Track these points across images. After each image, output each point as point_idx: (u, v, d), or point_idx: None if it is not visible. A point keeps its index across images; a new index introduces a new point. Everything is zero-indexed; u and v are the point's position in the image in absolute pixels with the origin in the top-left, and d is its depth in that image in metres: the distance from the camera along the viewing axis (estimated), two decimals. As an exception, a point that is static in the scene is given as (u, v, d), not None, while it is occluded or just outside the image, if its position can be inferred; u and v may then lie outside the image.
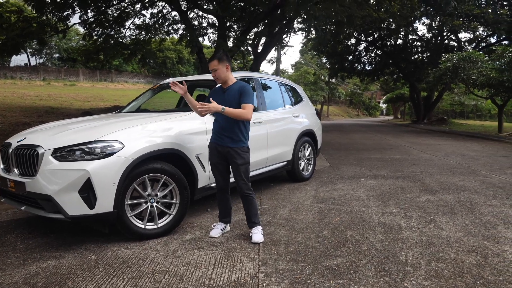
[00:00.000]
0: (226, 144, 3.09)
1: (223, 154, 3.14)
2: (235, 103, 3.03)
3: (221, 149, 3.14)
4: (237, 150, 3.09)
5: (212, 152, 3.21)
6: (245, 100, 3.02)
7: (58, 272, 2.58)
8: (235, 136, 3.07)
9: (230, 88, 3.12)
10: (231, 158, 3.11)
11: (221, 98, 3.10)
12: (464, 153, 8.44)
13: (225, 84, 3.15)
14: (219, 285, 2.36)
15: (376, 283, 2.35)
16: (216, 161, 3.19)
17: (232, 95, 3.07)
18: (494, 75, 11.18)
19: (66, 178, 2.75)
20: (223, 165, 3.20)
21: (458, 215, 3.74)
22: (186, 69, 57.44)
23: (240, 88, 3.07)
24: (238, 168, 3.11)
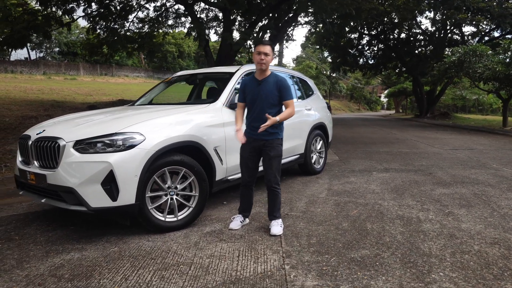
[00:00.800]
0: (261, 137, 3.06)
1: (257, 148, 3.11)
2: (271, 96, 3.00)
3: (255, 143, 3.10)
4: (272, 143, 3.07)
5: (244, 146, 3.17)
6: (287, 96, 3.02)
7: (83, 264, 2.57)
8: (271, 129, 3.03)
9: (266, 80, 3.05)
10: (265, 150, 3.08)
11: (256, 90, 3.06)
12: (472, 147, 8.43)
13: (262, 74, 3.08)
14: (246, 277, 2.35)
15: (403, 275, 2.35)
16: (248, 155, 3.15)
17: (269, 87, 3.02)
18: (501, 69, 11.14)
19: (89, 170, 2.74)
20: (253, 160, 3.17)
21: (475, 208, 3.73)
22: (187, 63, 57.25)
23: (278, 82, 3.02)
24: (271, 160, 3.08)
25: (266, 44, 3.02)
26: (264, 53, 2.98)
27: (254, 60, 3.05)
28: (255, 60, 3.03)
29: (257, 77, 3.09)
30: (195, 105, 3.70)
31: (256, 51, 3.03)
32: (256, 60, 3.02)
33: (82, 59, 45.29)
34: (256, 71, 3.15)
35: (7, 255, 2.74)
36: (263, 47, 3.00)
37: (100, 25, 12.60)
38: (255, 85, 3.08)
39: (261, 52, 2.99)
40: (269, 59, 3.01)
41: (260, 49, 3.00)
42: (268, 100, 2.97)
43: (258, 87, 3.05)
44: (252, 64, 4.64)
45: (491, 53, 12.63)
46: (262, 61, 2.99)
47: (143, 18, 14.27)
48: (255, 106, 3.03)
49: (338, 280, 2.29)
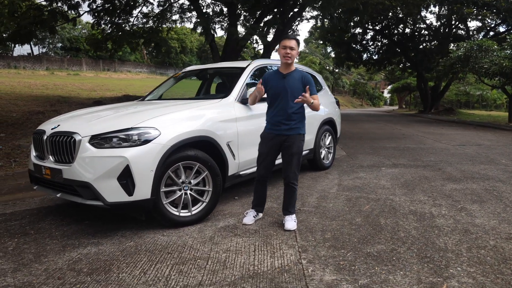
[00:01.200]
0: (283, 132, 3.06)
1: (277, 144, 3.10)
2: (297, 90, 3.00)
3: (276, 139, 3.09)
4: (294, 138, 3.06)
5: (265, 141, 3.17)
6: (313, 91, 3.02)
7: (100, 258, 2.59)
8: (293, 123, 3.03)
9: (291, 75, 3.05)
10: (286, 146, 3.07)
11: (281, 83, 3.05)
12: (479, 143, 8.40)
13: (287, 68, 3.08)
14: (264, 271, 2.36)
15: (421, 270, 2.35)
16: (267, 151, 3.15)
17: (294, 82, 3.02)
18: (507, 64, 11.06)
19: (105, 165, 2.75)
20: (272, 156, 3.16)
21: (487, 203, 3.73)
22: (189, 58, 57.14)
23: (303, 78, 3.03)
24: (291, 156, 3.07)
25: (291, 38, 3.01)
26: (290, 47, 2.98)
27: (279, 55, 3.05)
28: (281, 54, 3.03)
29: (282, 71, 3.09)
30: (207, 100, 3.69)
31: (282, 46, 3.02)
32: (282, 54, 3.02)
33: (84, 55, 45.33)
34: (281, 65, 3.14)
35: (24, 249, 2.76)
36: (288, 41, 2.99)
37: (104, 20, 12.57)
38: (279, 79, 3.06)
39: (287, 46, 2.99)
40: (295, 53, 3.01)
41: (286, 43, 2.99)
42: (293, 95, 2.96)
43: (283, 80, 3.04)
44: (263, 59, 4.63)
45: (497, 48, 12.54)
46: (288, 55, 2.98)
47: (147, 13, 14.24)
48: (278, 100, 3.02)
49: (356, 275, 2.29)
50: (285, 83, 3.03)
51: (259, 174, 3.24)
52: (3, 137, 6.92)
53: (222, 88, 4.81)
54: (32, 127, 7.64)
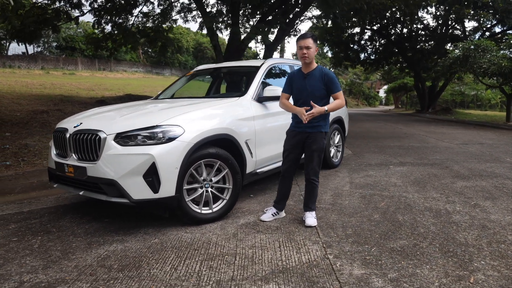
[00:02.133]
0: (306, 130, 3.10)
1: (300, 141, 3.15)
2: (317, 89, 3.03)
3: (298, 136, 3.14)
4: (316, 136, 3.09)
5: (289, 138, 3.22)
6: (335, 89, 3.03)
7: (128, 255, 2.61)
8: (315, 121, 3.06)
9: (312, 74, 3.07)
10: (308, 143, 3.11)
11: (302, 83, 3.08)
12: (481, 141, 8.52)
13: (308, 67, 3.10)
14: (293, 266, 2.40)
15: (446, 264, 2.41)
16: (291, 148, 3.19)
17: (315, 80, 3.03)
18: (506, 63, 11.21)
19: (131, 163, 2.77)
20: (296, 153, 3.21)
21: (499, 200, 3.80)
22: (185, 58, 57.03)
23: (325, 76, 3.03)
24: (312, 153, 3.11)
25: (307, 37, 3.01)
26: (306, 47, 2.99)
27: (298, 55, 3.08)
28: (299, 55, 3.06)
29: (303, 70, 3.12)
30: (225, 99, 3.72)
31: (298, 46, 3.04)
32: (299, 55, 3.04)
33: (80, 54, 45.03)
34: (302, 65, 3.17)
35: (50, 247, 2.78)
36: (303, 41, 3.00)
37: (105, 19, 12.52)
38: (301, 78, 3.10)
39: (303, 47, 3.00)
40: (312, 51, 3.01)
41: (301, 43, 3.01)
42: (314, 94, 2.99)
43: (304, 80, 3.08)
44: (276, 58, 4.68)
45: (496, 48, 12.69)
46: (305, 55, 3.00)
47: (147, 13, 14.21)
48: (301, 99, 3.06)
49: (384, 269, 2.34)
50: (306, 83, 3.07)
51: (283, 169, 3.29)
52: (9, 136, 6.89)
53: (235, 87, 4.85)
54: (37, 126, 7.61)
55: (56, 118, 8.26)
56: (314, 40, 3.04)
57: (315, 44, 3.04)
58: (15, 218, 3.46)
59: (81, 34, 45.73)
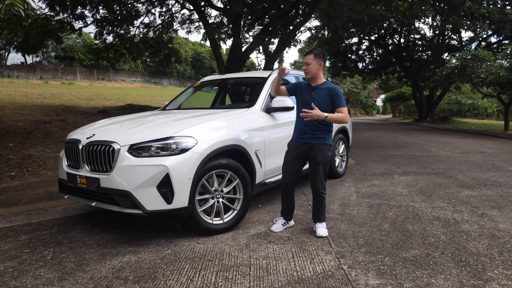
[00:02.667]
0: (309, 141, 3.13)
1: (303, 152, 3.18)
2: (324, 103, 3.07)
3: (302, 147, 3.17)
4: (320, 147, 3.13)
5: (291, 149, 3.25)
6: (340, 104, 3.07)
7: (143, 266, 2.62)
8: (319, 133, 3.11)
9: (319, 87, 3.14)
10: (312, 155, 3.14)
11: (310, 95, 3.14)
12: (482, 151, 8.59)
13: (314, 81, 3.17)
14: (308, 277, 2.42)
15: (460, 273, 2.43)
16: (292, 159, 3.22)
17: (322, 94, 3.09)
18: (504, 73, 11.37)
19: (144, 174, 2.79)
20: (298, 164, 3.24)
21: (506, 209, 3.83)
22: (183, 68, 57.31)
23: (331, 91, 3.09)
24: (317, 165, 3.14)
25: (307, 54, 3.14)
26: (306, 63, 3.12)
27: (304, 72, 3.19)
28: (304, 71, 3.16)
29: (312, 83, 3.19)
30: (234, 110, 3.76)
31: (303, 62, 3.16)
32: (303, 70, 3.16)
33: (79, 64, 45.18)
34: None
35: (63, 258, 2.78)
36: (304, 57, 3.17)
37: (107, 29, 12.62)
38: (309, 90, 3.17)
39: (304, 63, 3.15)
40: (311, 67, 3.10)
41: (304, 59, 3.17)
42: (321, 107, 3.03)
43: (311, 92, 3.14)
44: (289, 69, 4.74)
45: (493, 58, 12.87)
46: (305, 70, 3.14)
47: (148, 23, 14.34)
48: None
49: (399, 279, 2.36)
50: (313, 95, 3.13)
51: (283, 182, 3.31)
52: (12, 147, 6.89)
53: (241, 97, 4.90)
54: (40, 136, 7.62)
55: (59, 128, 8.28)
56: (315, 55, 3.12)
57: (317, 59, 3.11)
58: (24, 229, 3.46)
59: (80, 44, 45.90)
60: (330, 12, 6.56)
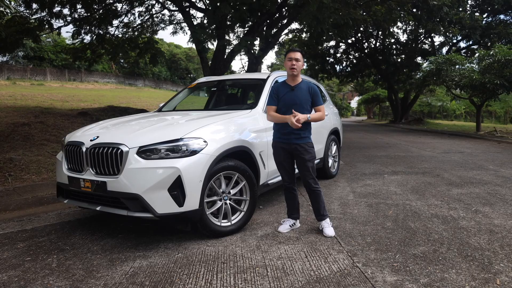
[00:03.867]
0: (293, 141, 3.15)
1: (289, 151, 3.20)
2: (305, 101, 3.11)
3: (287, 147, 3.19)
4: (304, 146, 3.15)
5: (277, 151, 3.26)
6: (319, 102, 3.14)
7: (156, 271, 2.56)
8: (302, 133, 3.14)
9: (299, 87, 3.16)
10: (298, 154, 3.17)
11: (289, 95, 3.14)
12: (460, 150, 8.97)
13: (294, 81, 3.18)
14: (326, 276, 2.44)
15: (469, 267, 2.53)
16: (282, 159, 3.24)
17: (302, 93, 3.12)
18: (477, 77, 11.93)
19: (155, 176, 2.73)
20: (288, 163, 3.26)
21: (496, 206, 4.02)
22: (159, 69, 56.38)
23: (310, 89, 3.14)
24: (305, 163, 3.18)
25: (296, 51, 3.15)
26: (295, 59, 3.10)
27: (286, 67, 3.17)
28: (287, 66, 3.15)
29: (290, 83, 3.19)
30: (237, 111, 3.75)
31: (288, 58, 3.14)
32: (288, 66, 3.13)
33: (49, 64, 43.51)
34: (288, 77, 3.24)
35: (69, 265, 2.67)
36: (293, 53, 3.12)
37: (85, 29, 12.25)
38: (288, 91, 3.16)
39: (292, 58, 3.10)
40: (300, 64, 3.13)
41: (291, 55, 3.12)
42: (302, 106, 3.07)
43: (291, 92, 3.14)
44: (280, 71, 4.77)
45: (466, 61, 13.49)
46: (293, 66, 3.10)
47: (128, 23, 14.04)
48: (288, 111, 3.09)
49: (414, 275, 2.43)
50: (293, 95, 3.13)
51: (284, 181, 3.35)
52: (-10, 151, 6.54)
53: (238, 99, 4.89)
54: (20, 139, 7.27)
55: (39, 130, 7.93)
56: (303, 55, 3.19)
57: (303, 58, 3.18)
58: (20, 236, 3.30)
59: (50, 44, 44.21)
60: (318, 15, 6.67)
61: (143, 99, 29.16)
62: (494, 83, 11.74)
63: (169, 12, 14.78)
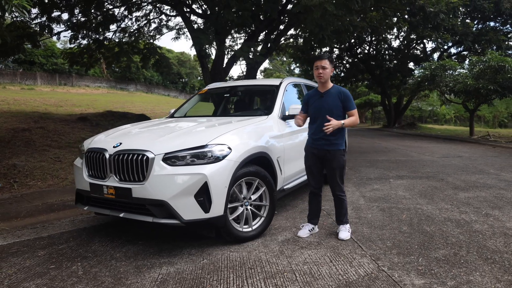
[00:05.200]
0: (323, 147, 3.20)
1: (319, 157, 3.25)
2: (335, 107, 3.15)
3: (317, 152, 3.24)
4: (334, 153, 3.20)
5: (308, 155, 3.32)
6: (351, 106, 3.16)
7: (185, 277, 2.57)
8: (333, 139, 3.18)
9: (328, 92, 3.19)
10: (328, 161, 3.22)
11: (319, 102, 3.20)
12: (459, 155, 9.13)
13: (323, 87, 3.23)
14: (355, 280, 2.48)
15: (492, 270, 2.59)
16: (312, 164, 3.30)
17: (332, 99, 3.16)
18: (471, 82, 12.20)
19: (182, 183, 2.74)
20: (318, 168, 3.31)
21: (505, 209, 4.12)
22: (151, 73, 56.11)
23: (341, 94, 3.17)
24: (334, 171, 3.23)
25: (323, 58, 3.16)
26: (322, 67, 3.13)
27: (314, 75, 3.21)
28: (315, 75, 3.19)
29: (320, 90, 3.24)
30: (254, 117, 3.78)
31: (314, 66, 3.18)
32: (315, 74, 3.18)
33: (39, 68, 43.00)
34: (318, 85, 3.30)
35: (96, 273, 2.66)
36: (319, 61, 3.15)
37: (82, 33, 12.18)
38: (318, 97, 3.22)
39: (319, 67, 3.14)
40: (327, 71, 3.15)
41: (317, 63, 3.15)
42: (332, 111, 3.11)
43: (320, 99, 3.19)
44: (292, 77, 4.83)
45: (459, 67, 13.79)
46: (320, 74, 3.14)
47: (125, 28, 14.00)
48: (320, 117, 3.15)
49: (440, 278, 2.48)
50: (323, 102, 3.19)
51: (311, 185, 3.39)
52: (-8, 157, 6.45)
53: (248, 105, 4.93)
54: (21, 145, 7.19)
55: (40, 136, 7.85)
56: (330, 61, 3.19)
57: (331, 64, 3.19)
58: (38, 244, 3.27)
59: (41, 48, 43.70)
60: (321, 22, 6.78)
61: (137, 104, 29.01)
62: (488, 88, 12.02)
63: (166, 17, 14.83)
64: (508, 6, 15.74)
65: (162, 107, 29.41)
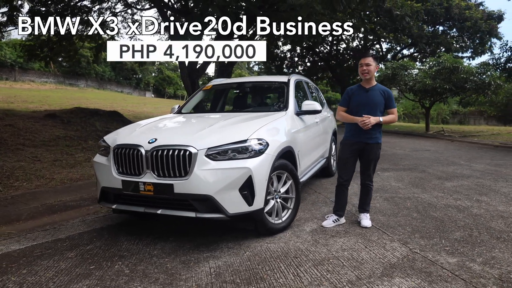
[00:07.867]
0: (364, 140, 3.39)
1: (357, 150, 3.44)
2: (378, 103, 3.35)
3: (356, 146, 3.42)
4: (373, 146, 3.41)
5: (345, 148, 3.49)
6: (392, 105, 3.38)
7: (238, 268, 2.62)
8: (373, 133, 3.37)
9: (373, 89, 3.38)
10: (366, 153, 3.42)
11: (363, 97, 3.37)
12: (425, 148, 9.87)
13: (368, 83, 3.40)
14: (396, 262, 2.69)
15: (507, 246, 2.94)
16: (347, 156, 3.47)
17: (377, 95, 3.35)
18: (429, 82, 13.21)
19: (227, 177, 2.78)
20: (352, 161, 3.49)
21: (490, 195, 4.60)
22: (103, 69, 53.45)
23: (385, 92, 3.38)
24: (370, 162, 3.45)
25: (367, 56, 3.37)
26: (366, 64, 3.33)
27: (359, 72, 3.40)
28: (359, 72, 3.39)
29: (364, 85, 3.43)
30: (275, 113, 3.87)
31: (359, 64, 3.39)
32: (360, 71, 3.38)
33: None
34: (363, 81, 3.46)
35: (143, 270, 2.62)
36: (364, 59, 3.36)
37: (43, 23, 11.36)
38: (363, 92, 3.41)
39: (363, 64, 3.34)
40: (372, 68, 3.34)
41: (362, 61, 3.36)
42: (376, 107, 3.33)
43: (365, 94, 3.39)
44: (297, 74, 4.98)
45: (417, 68, 14.85)
46: (365, 71, 3.34)
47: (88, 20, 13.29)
48: (365, 112, 3.34)
49: (468, 256, 2.77)
50: (367, 97, 3.40)
51: (340, 178, 3.56)
52: (-39, 157, 5.91)
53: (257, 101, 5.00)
54: None
55: (10, 134, 7.29)
56: (374, 58, 3.40)
57: (376, 61, 3.40)
58: (60, 246, 3.12)
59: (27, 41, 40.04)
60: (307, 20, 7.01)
61: (93, 101, 27.52)
62: (444, 87, 13.09)
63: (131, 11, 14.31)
64: (457, 11, 17.23)
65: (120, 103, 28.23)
